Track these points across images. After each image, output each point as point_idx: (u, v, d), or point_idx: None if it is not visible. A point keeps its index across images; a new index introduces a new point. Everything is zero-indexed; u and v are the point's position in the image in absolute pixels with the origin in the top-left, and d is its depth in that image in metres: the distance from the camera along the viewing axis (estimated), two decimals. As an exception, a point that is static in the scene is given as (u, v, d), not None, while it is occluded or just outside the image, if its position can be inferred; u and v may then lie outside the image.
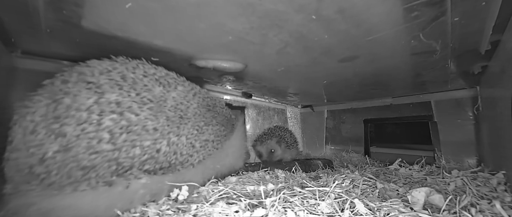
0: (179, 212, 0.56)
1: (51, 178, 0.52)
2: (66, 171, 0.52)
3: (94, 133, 0.54)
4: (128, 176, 0.58)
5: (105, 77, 0.59)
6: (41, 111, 0.54)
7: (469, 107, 1.12)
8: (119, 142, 0.56)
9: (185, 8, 0.54)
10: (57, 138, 0.52)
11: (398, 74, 0.99)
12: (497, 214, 0.51)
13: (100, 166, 0.55)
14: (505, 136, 0.68)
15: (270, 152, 1.31)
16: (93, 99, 0.55)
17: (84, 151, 0.53)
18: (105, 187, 0.56)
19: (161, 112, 0.63)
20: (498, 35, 0.62)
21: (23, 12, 0.57)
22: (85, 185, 0.54)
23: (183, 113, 0.68)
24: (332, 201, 0.57)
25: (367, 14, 0.55)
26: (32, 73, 0.84)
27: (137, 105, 0.59)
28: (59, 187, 0.52)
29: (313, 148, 1.84)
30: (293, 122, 1.90)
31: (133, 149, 0.58)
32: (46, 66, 0.86)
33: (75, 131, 0.53)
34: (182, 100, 0.69)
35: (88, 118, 0.54)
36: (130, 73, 0.63)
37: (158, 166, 0.63)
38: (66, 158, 0.52)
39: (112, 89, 0.58)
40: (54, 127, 0.53)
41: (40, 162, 0.52)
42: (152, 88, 0.64)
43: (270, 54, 0.80)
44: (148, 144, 0.60)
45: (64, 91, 0.55)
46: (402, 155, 1.09)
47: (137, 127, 0.58)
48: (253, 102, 1.63)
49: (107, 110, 0.56)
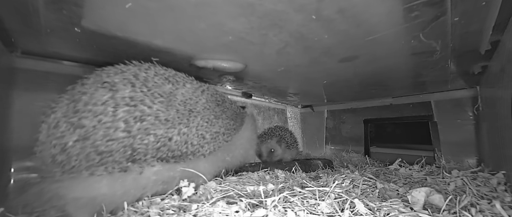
0: (180, 211, 0.56)
1: (71, 163, 0.58)
2: (84, 156, 0.58)
3: (110, 123, 0.59)
4: (142, 163, 0.62)
5: (119, 77, 0.65)
6: (63, 109, 0.60)
7: (469, 107, 1.12)
8: (133, 130, 0.61)
9: (185, 8, 0.54)
10: (76, 129, 0.58)
11: (398, 74, 0.99)
12: (497, 214, 0.51)
13: (116, 151, 0.59)
14: (505, 136, 0.68)
15: (270, 151, 1.31)
16: (108, 95, 0.61)
17: (101, 139, 0.58)
18: (121, 172, 0.60)
19: (171, 106, 0.68)
20: (498, 35, 0.62)
21: (23, 12, 0.57)
22: (102, 170, 0.59)
23: (192, 107, 0.73)
24: (332, 201, 0.57)
25: (367, 14, 0.55)
26: (32, 73, 0.84)
27: (149, 99, 0.64)
28: (77, 171, 0.57)
29: (313, 148, 1.84)
30: (293, 122, 1.90)
31: (147, 137, 0.62)
32: (46, 66, 0.86)
33: (92, 122, 0.58)
34: (191, 96, 0.74)
35: (104, 110, 0.59)
36: (142, 73, 0.68)
37: (170, 154, 0.67)
38: (85, 145, 0.58)
39: (125, 87, 0.63)
40: (73, 120, 0.58)
41: (62, 151, 0.58)
42: (162, 85, 0.69)
43: (270, 54, 0.80)
44: (161, 133, 0.64)
45: (82, 92, 0.62)
46: (402, 155, 1.09)
47: (150, 117, 0.63)
48: (253, 102, 1.63)
49: (121, 103, 0.61)
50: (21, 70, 0.82)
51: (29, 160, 0.66)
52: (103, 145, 0.58)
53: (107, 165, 0.59)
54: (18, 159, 0.80)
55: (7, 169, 0.78)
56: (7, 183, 0.77)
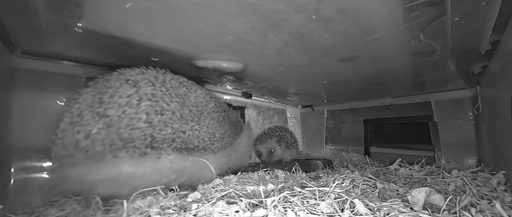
0: (180, 211, 0.56)
1: (95, 148, 0.63)
2: (108, 141, 0.64)
3: (134, 114, 0.66)
4: (159, 150, 0.70)
5: (141, 76, 0.72)
6: (87, 100, 0.66)
7: (469, 107, 1.12)
8: (154, 122, 0.68)
9: (185, 8, 0.54)
10: (101, 118, 0.64)
11: (398, 74, 0.99)
12: (497, 214, 0.51)
13: (137, 138, 0.66)
14: (505, 136, 0.68)
15: (270, 151, 1.30)
16: (132, 90, 0.68)
17: (125, 127, 0.65)
18: (141, 156, 0.67)
19: (185, 105, 0.76)
20: (498, 35, 0.62)
21: (23, 12, 0.57)
22: (123, 153, 0.65)
23: (202, 109, 0.81)
24: (332, 201, 0.57)
25: (367, 14, 0.55)
26: (32, 73, 0.84)
27: (167, 98, 0.72)
28: (101, 155, 0.63)
29: (313, 148, 1.84)
30: (293, 122, 1.90)
31: (165, 128, 0.70)
32: (46, 66, 0.86)
33: (117, 112, 0.65)
34: (201, 100, 0.83)
35: (128, 102, 0.66)
36: (160, 76, 0.76)
37: (184, 145, 0.75)
38: (109, 132, 0.64)
39: (147, 85, 0.71)
40: (99, 110, 0.65)
41: (86, 137, 0.63)
42: (178, 88, 0.77)
43: (270, 54, 0.80)
44: (177, 126, 0.72)
45: (107, 86, 0.68)
46: (402, 155, 1.09)
47: (168, 112, 0.71)
48: (253, 102, 1.63)
49: (144, 98, 0.68)
50: (21, 70, 0.82)
51: (46, 149, 0.69)
52: (126, 133, 0.65)
53: (128, 149, 0.65)
54: (18, 159, 0.80)
55: (7, 169, 0.78)
56: (7, 183, 0.77)
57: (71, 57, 0.88)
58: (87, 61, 0.92)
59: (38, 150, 0.83)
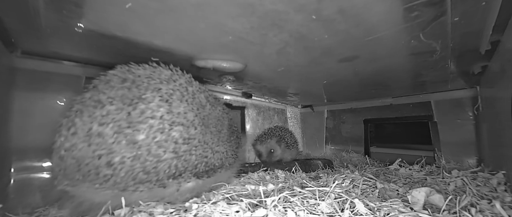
0: (181, 211, 0.56)
1: (116, 180, 0.56)
2: (132, 175, 0.57)
3: (163, 141, 0.60)
4: (180, 179, 0.64)
5: (172, 86, 0.66)
6: (111, 115, 0.58)
7: (469, 107, 1.12)
8: (180, 152, 0.62)
9: (185, 8, 0.54)
10: (128, 144, 0.56)
11: (398, 74, 0.99)
12: (497, 214, 0.51)
13: (162, 170, 0.60)
14: (505, 136, 0.68)
15: (270, 151, 1.30)
16: (165, 108, 0.61)
17: (151, 159, 0.58)
18: (161, 188, 0.61)
19: (207, 128, 0.72)
20: (498, 35, 0.62)
21: (23, 12, 0.57)
22: (144, 187, 0.59)
23: (220, 129, 0.79)
24: (332, 201, 0.57)
25: (367, 14, 0.55)
26: (32, 73, 0.84)
27: (197, 120, 0.67)
28: (121, 187, 0.58)
29: (313, 148, 1.84)
30: (293, 122, 1.90)
31: (190, 157, 0.65)
32: (46, 66, 0.86)
33: (148, 138, 0.58)
34: (219, 118, 0.80)
35: (159, 126, 0.60)
36: (189, 87, 0.70)
37: (205, 168, 0.71)
38: (134, 164, 0.57)
39: (181, 102, 0.65)
40: (127, 131, 0.57)
41: (108, 166, 0.56)
42: (205, 106, 0.72)
43: (270, 54, 0.80)
44: (200, 153, 0.68)
45: (136, 96, 0.60)
46: (402, 155, 1.09)
47: (195, 141, 0.66)
48: (253, 102, 1.63)
49: (176, 121, 0.62)
50: (21, 70, 0.82)
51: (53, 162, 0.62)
52: (152, 165, 0.58)
53: (150, 183, 0.60)
54: (18, 159, 0.80)
55: (7, 169, 0.78)
56: (7, 183, 0.77)
57: (71, 57, 0.88)
58: (87, 61, 0.92)
59: (38, 150, 0.83)
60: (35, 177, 0.82)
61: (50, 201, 0.72)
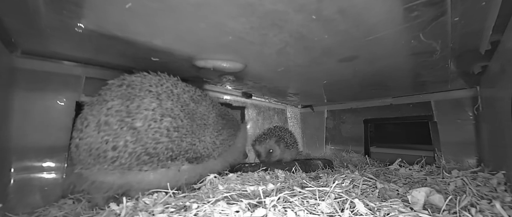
0: (181, 211, 0.56)
1: (121, 161, 0.68)
2: (135, 156, 0.69)
3: (157, 128, 0.72)
4: (177, 162, 0.78)
5: (161, 89, 0.78)
6: (115, 108, 0.70)
7: (469, 107, 1.12)
8: (173, 137, 0.75)
9: (185, 8, 0.54)
10: (129, 129, 0.69)
11: (398, 74, 0.99)
12: (497, 214, 0.51)
13: (161, 152, 0.73)
14: (505, 136, 0.68)
15: (269, 152, 1.30)
16: (156, 103, 0.74)
17: (151, 141, 0.71)
18: (164, 169, 0.75)
19: (194, 121, 0.84)
20: (498, 35, 0.62)
21: (23, 12, 0.57)
22: (148, 167, 0.72)
23: (206, 121, 0.89)
24: (332, 201, 0.57)
25: (367, 14, 0.55)
26: (32, 73, 0.84)
27: (183, 114, 0.79)
28: (128, 167, 0.70)
29: (313, 148, 1.84)
30: (293, 122, 1.90)
31: (181, 142, 0.78)
32: (46, 66, 0.86)
33: (144, 125, 0.71)
34: (205, 112, 0.90)
35: (153, 115, 0.72)
36: (175, 89, 0.82)
37: (194, 155, 0.83)
38: (136, 146, 0.69)
39: (167, 100, 0.77)
40: (127, 120, 0.69)
41: (113, 149, 0.67)
42: (189, 104, 0.84)
43: (270, 54, 0.80)
44: (189, 140, 0.81)
45: (133, 94, 0.73)
46: (402, 155, 1.09)
47: (183, 129, 0.79)
48: (253, 102, 1.63)
49: (165, 113, 0.75)
50: (21, 70, 0.82)
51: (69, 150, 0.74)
52: (152, 147, 0.71)
53: (153, 164, 0.72)
54: (18, 159, 0.80)
55: (7, 169, 0.78)
56: (7, 183, 0.77)
57: (71, 57, 0.88)
58: (87, 61, 0.92)
59: (38, 150, 0.83)
60: (35, 177, 0.82)
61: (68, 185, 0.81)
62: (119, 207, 0.60)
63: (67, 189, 0.82)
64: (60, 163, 0.86)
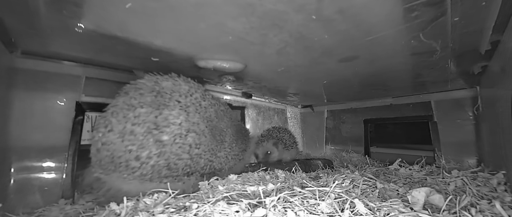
0: (181, 211, 0.56)
1: (142, 172, 0.68)
2: (157, 169, 0.70)
3: (181, 144, 0.73)
4: (192, 177, 0.79)
5: (189, 100, 0.78)
6: (142, 117, 0.69)
7: (469, 107, 1.12)
8: (193, 155, 0.76)
9: (185, 8, 0.54)
10: (155, 142, 0.68)
11: (398, 75, 0.99)
12: (497, 214, 0.51)
13: (181, 168, 0.74)
14: (505, 136, 0.68)
15: (266, 153, 1.30)
16: (183, 116, 0.74)
17: (173, 157, 0.72)
18: (179, 183, 0.76)
19: (213, 136, 0.84)
20: (498, 35, 0.62)
21: (23, 12, 0.57)
22: (167, 179, 0.73)
23: (223, 138, 0.91)
24: (332, 201, 0.57)
25: (367, 14, 0.55)
26: (32, 73, 0.84)
27: (207, 130, 0.80)
28: (150, 179, 0.71)
29: (313, 148, 1.84)
30: (293, 122, 1.90)
31: (199, 160, 0.79)
32: (46, 66, 0.86)
33: (170, 140, 0.71)
34: (224, 128, 0.92)
35: (178, 130, 0.73)
36: (202, 101, 0.82)
37: (209, 171, 0.85)
38: (159, 160, 0.70)
39: (195, 113, 0.78)
40: (154, 132, 0.69)
41: (136, 159, 0.67)
42: (213, 119, 0.85)
43: (270, 54, 0.80)
44: (208, 157, 0.82)
45: (162, 103, 0.72)
46: (402, 155, 1.09)
47: (204, 146, 0.79)
48: (253, 102, 1.63)
49: (191, 128, 0.75)
50: (21, 70, 0.82)
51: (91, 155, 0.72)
52: (173, 162, 0.72)
53: (171, 177, 0.73)
54: (18, 159, 0.80)
55: (7, 169, 0.78)
56: (7, 183, 0.77)
57: (71, 57, 0.88)
58: (87, 61, 0.92)
59: (38, 150, 0.83)
60: (35, 177, 0.82)
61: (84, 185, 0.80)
62: (119, 207, 0.60)
63: (83, 191, 0.84)
64: (60, 163, 0.86)
